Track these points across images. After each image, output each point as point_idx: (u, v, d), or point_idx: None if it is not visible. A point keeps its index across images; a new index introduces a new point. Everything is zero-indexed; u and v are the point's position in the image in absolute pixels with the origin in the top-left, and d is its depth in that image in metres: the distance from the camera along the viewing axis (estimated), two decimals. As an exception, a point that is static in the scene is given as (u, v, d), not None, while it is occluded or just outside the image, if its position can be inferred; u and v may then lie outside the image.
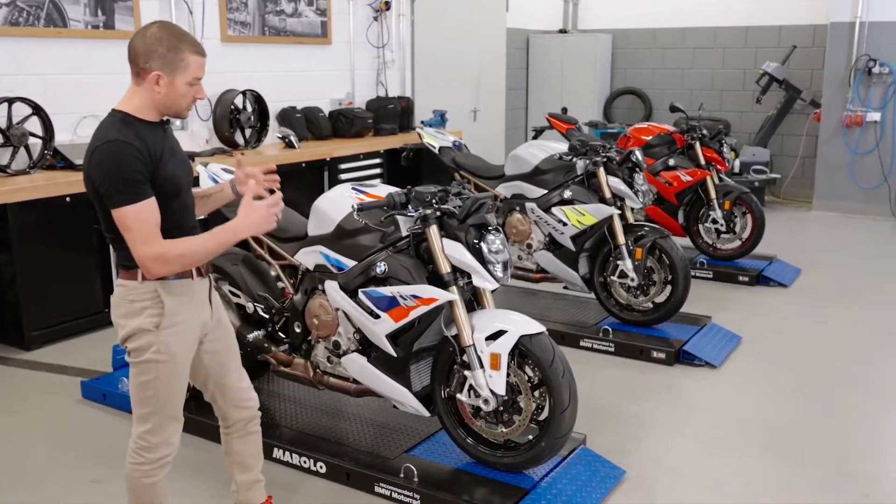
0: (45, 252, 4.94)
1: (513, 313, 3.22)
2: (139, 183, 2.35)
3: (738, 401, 4.19)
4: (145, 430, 2.55)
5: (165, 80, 2.41)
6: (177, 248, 2.39)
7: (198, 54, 2.46)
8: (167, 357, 2.48)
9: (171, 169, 2.48)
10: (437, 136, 5.77)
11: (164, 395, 2.52)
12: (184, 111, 2.52)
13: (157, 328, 2.46)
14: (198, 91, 2.50)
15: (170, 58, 2.40)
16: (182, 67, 2.42)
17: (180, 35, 2.45)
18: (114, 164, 2.32)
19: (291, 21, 7.30)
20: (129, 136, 2.36)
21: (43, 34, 5.42)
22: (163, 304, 2.46)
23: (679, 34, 10.34)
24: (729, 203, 6.45)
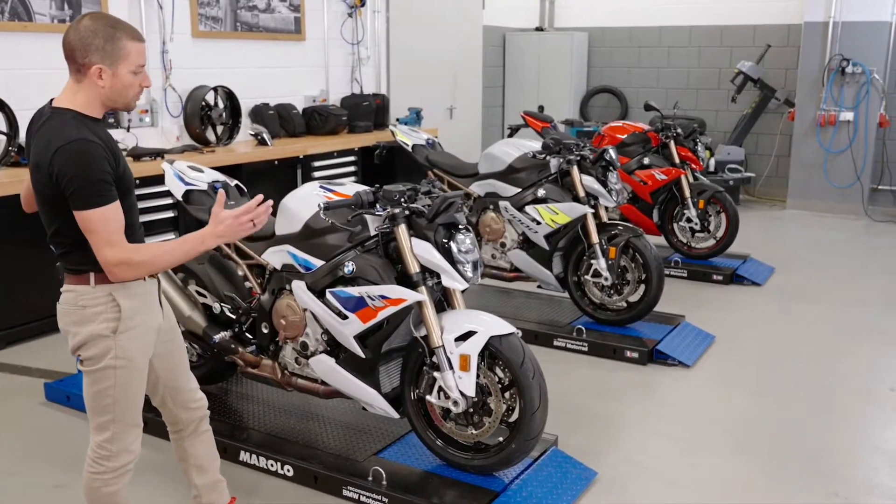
0: (9, 251, 4.83)
1: (483, 314, 3.18)
2: (107, 185, 2.28)
3: (712, 400, 4.17)
4: (104, 439, 2.47)
5: (108, 72, 2.32)
6: (142, 253, 2.33)
7: (136, 40, 2.36)
8: (125, 362, 2.40)
9: (125, 165, 2.41)
10: (410, 133, 5.71)
11: (123, 401, 2.45)
12: (131, 102, 2.44)
13: (115, 333, 2.38)
14: (143, 79, 2.40)
15: (108, 48, 2.31)
16: (123, 56, 2.32)
17: (115, 23, 2.35)
18: (83, 164, 2.24)
19: (264, 17, 7.22)
20: (90, 134, 2.28)
21: (7, 28, 5.30)
22: (119, 307, 2.38)
23: (655, 33, 10.35)
24: (703, 202, 6.45)
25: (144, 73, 2.41)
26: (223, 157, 6.18)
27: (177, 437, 2.78)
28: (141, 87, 2.41)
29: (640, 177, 6.41)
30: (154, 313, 2.52)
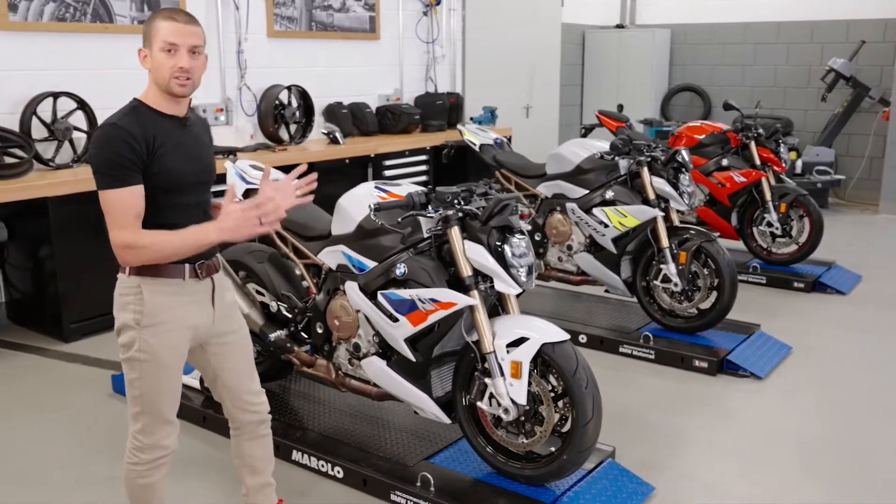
0: (85, 245, 4.97)
1: (537, 319, 3.09)
2: (125, 168, 2.29)
3: (783, 415, 3.97)
4: (137, 430, 2.51)
5: (148, 55, 2.37)
6: (146, 238, 2.31)
7: (169, 19, 2.34)
8: (149, 356, 2.42)
9: (172, 163, 2.39)
10: (478, 133, 5.65)
11: (149, 395, 2.46)
12: (171, 84, 2.36)
13: (138, 325, 2.40)
14: (178, 60, 2.34)
15: (146, 30, 2.37)
16: (154, 35, 2.35)
17: (161, 10, 2.39)
18: (104, 146, 2.30)
19: (339, 16, 7.26)
20: (128, 121, 2.33)
21: (89, 29, 5.47)
22: (143, 301, 2.39)
23: (740, 29, 9.99)
24: (785, 205, 6.17)
25: (180, 55, 2.34)
26: (294, 156, 6.24)
27: (235, 434, 2.79)
28: (178, 69, 2.35)
29: (717, 179, 6.19)
30: (192, 314, 2.49)
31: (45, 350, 4.85)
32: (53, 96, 5.16)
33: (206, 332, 2.55)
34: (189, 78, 2.37)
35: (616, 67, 10.65)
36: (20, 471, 3.47)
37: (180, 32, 2.34)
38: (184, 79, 2.36)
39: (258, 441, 2.80)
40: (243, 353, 2.70)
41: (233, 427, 2.78)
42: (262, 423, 2.78)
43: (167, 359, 2.45)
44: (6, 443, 3.71)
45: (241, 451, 2.80)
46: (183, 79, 2.36)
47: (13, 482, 3.37)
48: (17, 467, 3.49)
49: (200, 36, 2.40)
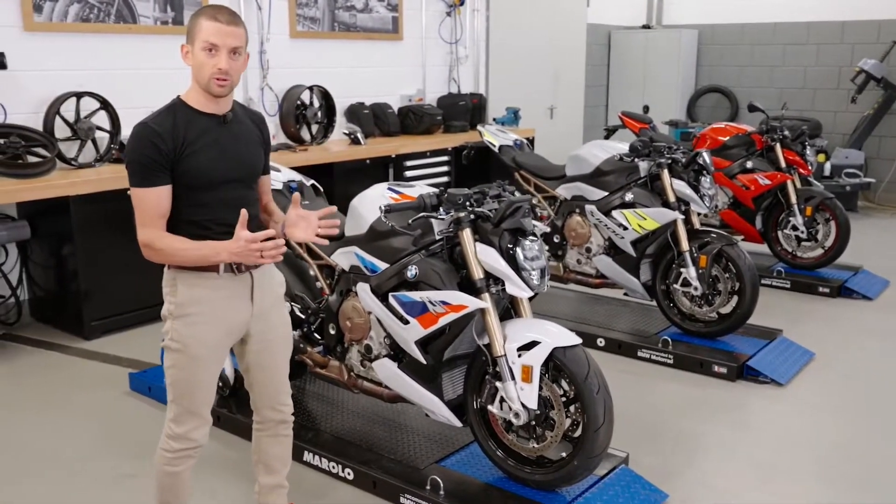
0: (106, 244, 5.02)
1: (549, 323, 3.06)
2: (150, 169, 2.36)
3: (803, 423, 3.90)
4: (170, 418, 2.58)
5: (190, 52, 2.42)
6: (162, 241, 2.39)
7: (212, 19, 2.37)
8: (180, 346, 2.48)
9: (201, 162, 2.41)
10: (497, 134, 5.62)
11: (180, 385, 2.53)
12: (210, 84, 2.39)
13: (172, 315, 2.49)
14: (217, 60, 2.37)
15: (189, 26, 2.42)
16: (196, 33, 2.38)
17: (205, 8, 2.43)
18: (133, 146, 2.39)
19: (362, 17, 7.27)
20: (162, 121, 2.39)
21: (112, 30, 5.52)
22: (177, 293, 2.47)
23: (769, 29, 9.85)
24: (811, 209, 6.06)
25: (220, 57, 2.37)
26: (315, 156, 6.25)
27: (257, 429, 2.83)
28: (218, 70, 2.37)
29: (742, 181, 6.10)
30: (227, 309, 2.52)
31: (66, 347, 4.90)
32: (77, 96, 5.22)
33: (245, 326, 2.59)
34: (227, 79, 2.40)
35: (642, 68, 10.55)
36: (36, 467, 3.50)
37: (221, 33, 2.37)
38: (223, 79, 2.39)
39: (278, 440, 2.84)
40: (281, 352, 2.75)
41: (256, 421, 2.83)
42: (284, 423, 2.83)
43: (196, 350, 2.49)
44: (23, 439, 3.75)
45: (260, 447, 2.85)
46: (222, 79, 2.39)
47: (29, 478, 3.41)
48: (32, 463, 3.53)
49: (242, 37, 2.43)
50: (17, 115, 5.07)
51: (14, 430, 3.85)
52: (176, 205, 2.43)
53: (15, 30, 5.05)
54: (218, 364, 2.59)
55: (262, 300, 2.60)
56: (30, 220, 5.09)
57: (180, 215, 2.43)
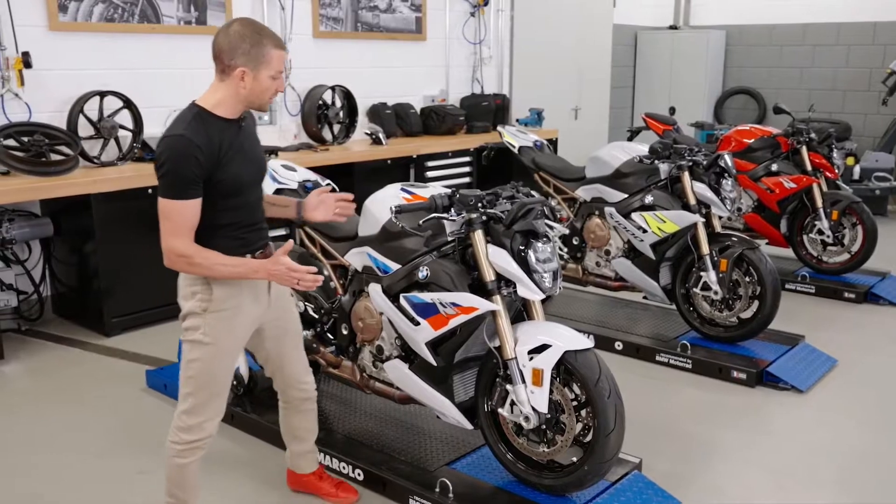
0: (127, 242, 5.07)
1: (560, 326, 3.03)
2: (190, 183, 2.43)
3: (822, 430, 3.83)
4: (183, 410, 2.67)
5: (250, 75, 2.49)
6: (203, 256, 2.48)
7: (279, 48, 2.54)
8: (212, 340, 2.60)
9: (234, 169, 2.53)
10: (517, 135, 5.58)
11: (203, 378, 2.63)
12: (266, 104, 2.61)
13: (205, 312, 2.58)
14: (279, 84, 2.58)
15: (253, 53, 2.48)
16: (265, 62, 2.50)
17: (261, 30, 2.53)
18: (172, 158, 2.42)
19: (385, 17, 7.28)
20: (196, 132, 2.44)
21: (136, 30, 5.58)
22: (211, 290, 2.57)
23: (798, 30, 9.72)
24: (837, 213, 5.96)
25: (281, 79, 2.59)
26: (336, 156, 6.27)
27: (283, 408, 3.06)
28: (276, 90, 2.58)
29: (766, 184, 6.01)
30: (252, 304, 2.67)
31: (86, 343, 4.95)
32: (100, 95, 5.27)
33: (263, 316, 2.75)
34: None
35: (669, 69, 10.46)
36: (54, 461, 3.54)
37: (283, 60, 2.59)
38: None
39: (304, 414, 3.07)
40: (295, 336, 2.96)
41: (282, 401, 3.05)
42: (308, 400, 3.05)
43: (227, 343, 2.64)
44: (43, 433, 3.80)
45: (288, 423, 3.09)
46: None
47: (46, 472, 3.44)
48: (50, 457, 3.57)
49: None
50: (41, 113, 5.13)
51: (34, 424, 3.90)
52: (207, 212, 2.50)
53: (40, 29, 5.12)
54: (235, 360, 2.75)
55: (276, 291, 2.78)
56: (53, 217, 5.16)
57: (214, 220, 2.53)
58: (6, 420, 3.94)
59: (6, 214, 4.98)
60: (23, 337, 5.07)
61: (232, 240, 2.60)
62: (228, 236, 2.59)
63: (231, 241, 2.60)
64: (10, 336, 5.01)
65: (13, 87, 5.01)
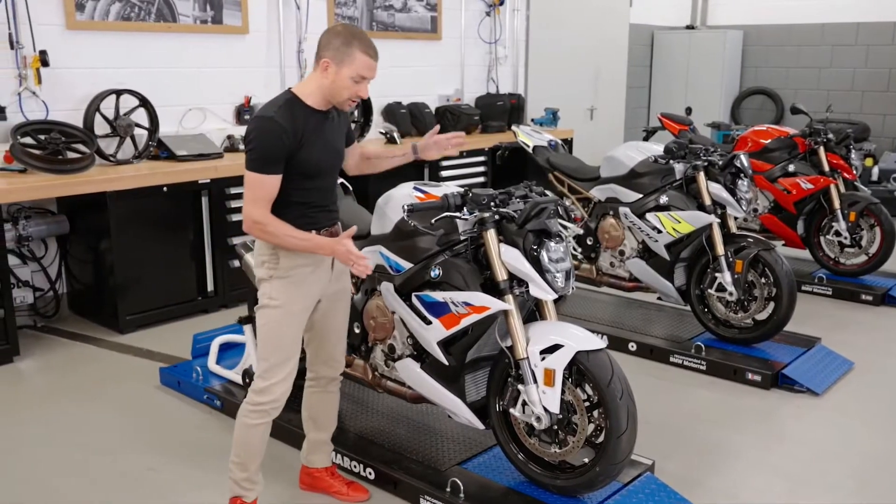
0: (143, 239, 5.10)
1: (573, 327, 3.01)
2: (272, 160, 2.64)
3: (838, 434, 3.79)
4: (258, 374, 2.85)
5: (333, 68, 2.66)
6: (274, 227, 2.67)
7: (367, 55, 2.67)
8: (278, 304, 2.78)
9: (313, 154, 2.71)
10: (532, 134, 5.57)
11: (272, 340, 2.80)
12: (344, 103, 2.74)
13: (271, 278, 2.79)
14: (361, 90, 2.71)
15: (342, 50, 2.65)
16: (349, 62, 2.65)
17: (357, 34, 2.69)
18: (259, 137, 2.63)
19: (400, 16, 7.28)
20: (283, 115, 2.64)
21: (152, 28, 5.60)
22: (278, 259, 2.77)
23: (817, 30, 9.64)
24: (855, 214, 5.91)
25: (364, 86, 2.71)
26: (350, 155, 6.25)
27: (309, 386, 3.14)
28: (356, 94, 2.72)
29: (783, 185, 5.97)
30: (315, 274, 2.83)
31: (101, 340, 4.98)
32: (116, 94, 5.30)
33: (324, 290, 2.91)
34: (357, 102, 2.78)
35: (685, 69, 10.40)
36: (66, 458, 3.56)
37: (372, 69, 2.71)
38: (354, 101, 2.74)
39: (327, 396, 3.16)
40: (345, 314, 3.10)
41: (309, 379, 3.14)
42: (334, 381, 3.15)
43: (292, 307, 2.80)
44: (56, 429, 3.82)
45: (310, 403, 3.16)
46: (354, 101, 2.74)
47: (59, 468, 3.46)
48: (64, 454, 3.59)
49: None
50: (58, 111, 5.17)
51: (48, 420, 3.92)
52: (285, 188, 2.70)
53: (57, 28, 5.15)
54: (302, 326, 2.88)
55: (339, 268, 2.95)
56: (69, 214, 5.20)
57: (289, 197, 2.71)
58: (21, 416, 3.96)
59: (23, 212, 5.01)
60: (38, 333, 5.10)
61: (302, 217, 2.77)
62: (300, 214, 2.76)
63: (301, 218, 2.76)
64: (26, 332, 5.04)
65: (31, 85, 5.04)
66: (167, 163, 5.40)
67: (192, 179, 5.24)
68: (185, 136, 5.70)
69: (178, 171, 5.21)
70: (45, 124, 5.03)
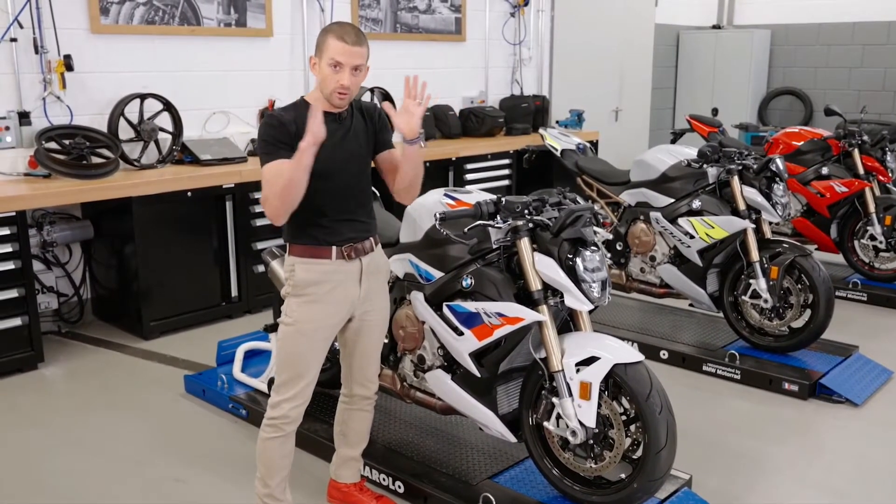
0: (167, 245, 5.06)
1: (609, 338, 2.92)
2: (272, 145, 2.61)
3: (880, 446, 3.67)
4: (273, 388, 2.83)
5: (316, 63, 2.66)
6: (264, 191, 2.60)
7: (339, 40, 2.59)
8: (292, 321, 2.74)
9: (321, 153, 2.56)
10: (560, 137, 5.47)
11: (285, 357, 2.77)
12: (332, 97, 2.64)
13: (288, 295, 2.77)
14: (341, 77, 2.60)
15: (319, 42, 2.65)
16: (324, 50, 2.61)
17: (336, 25, 2.65)
18: (263, 132, 2.66)
19: (424, 18, 7.21)
20: (285, 113, 2.66)
21: (176, 32, 5.56)
22: (295, 275, 2.74)
23: (847, 29, 9.46)
24: (891, 218, 5.76)
25: (343, 73, 2.59)
26: (375, 158, 6.19)
27: (343, 402, 3.07)
28: (339, 83, 2.60)
29: (816, 188, 5.84)
30: (341, 291, 2.76)
31: (125, 346, 4.95)
32: (141, 98, 5.27)
33: (353, 308, 2.83)
34: (347, 93, 2.63)
35: (712, 70, 10.26)
36: (90, 466, 3.51)
37: (346, 53, 2.59)
38: (343, 93, 2.63)
39: (361, 414, 3.07)
40: (378, 334, 2.98)
41: (344, 395, 3.07)
42: (368, 399, 3.06)
43: (305, 326, 2.74)
44: (80, 436, 3.78)
45: (344, 418, 3.08)
46: (342, 93, 2.63)
47: (83, 476, 3.42)
48: (87, 461, 3.55)
49: (364, 55, 2.64)
50: (82, 116, 5.14)
51: (73, 427, 3.88)
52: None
53: (82, 32, 5.13)
54: (323, 343, 2.80)
55: (369, 284, 2.84)
56: (93, 220, 5.17)
57: (304, 203, 2.62)
58: (46, 422, 3.93)
59: (47, 217, 4.99)
60: (63, 339, 5.08)
61: (322, 229, 2.72)
62: (319, 224, 2.71)
63: (322, 230, 2.72)
64: (51, 338, 5.02)
65: (55, 89, 5.02)
66: (191, 167, 5.36)
67: (216, 184, 5.20)
68: (209, 140, 5.66)
69: (202, 175, 5.16)
70: (69, 129, 5.00)
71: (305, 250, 2.74)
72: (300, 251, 2.75)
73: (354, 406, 3.05)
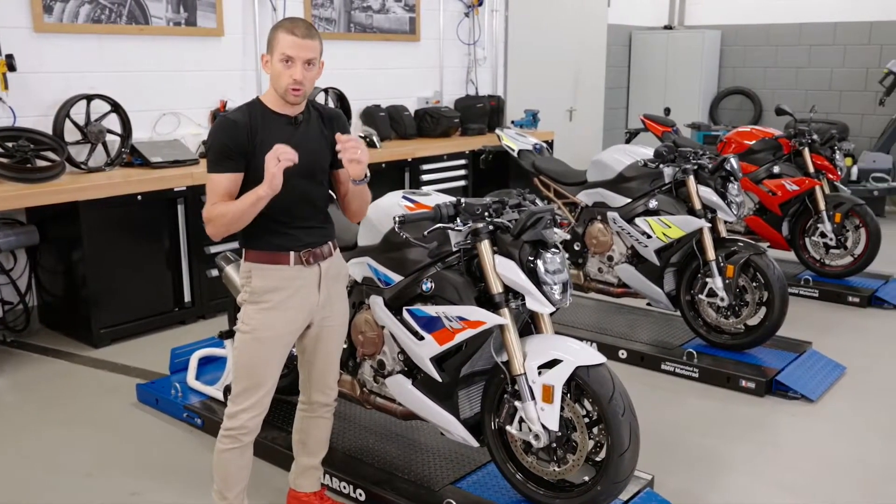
0: (116, 250, 4.92)
1: (571, 340, 2.90)
2: (223, 156, 2.54)
3: (836, 442, 3.72)
4: (230, 397, 2.75)
5: (268, 60, 2.60)
6: (212, 210, 2.53)
7: (289, 33, 2.53)
8: (250, 329, 2.67)
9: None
10: (516, 138, 5.46)
11: (241, 365, 2.70)
12: (286, 94, 2.57)
13: (245, 302, 2.71)
14: (293, 72, 2.53)
15: (269, 38, 2.60)
16: (274, 45, 2.56)
17: (286, 20, 2.59)
18: (212, 136, 2.58)
19: (378, 17, 7.14)
20: (239, 115, 2.59)
21: (124, 31, 5.42)
22: (251, 282, 2.68)
23: (795, 30, 9.65)
24: (840, 215, 5.87)
25: (295, 68, 2.53)
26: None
27: (302, 410, 3.00)
28: (291, 78, 2.53)
29: (768, 187, 5.92)
30: (297, 298, 2.69)
31: (74, 355, 4.80)
32: (87, 99, 5.12)
33: (311, 315, 2.76)
34: (301, 88, 2.57)
35: (663, 70, 10.37)
36: (41, 480, 3.39)
37: (297, 46, 2.53)
38: (297, 89, 2.56)
39: (320, 421, 3.00)
40: (337, 340, 2.92)
41: (302, 402, 2.99)
42: (327, 407, 2.99)
43: (263, 334, 2.67)
44: (29, 450, 3.65)
45: (302, 426, 3.01)
46: (296, 89, 2.56)
47: (34, 491, 3.29)
48: (38, 476, 3.42)
49: (316, 49, 2.58)
50: (26, 118, 4.98)
51: (21, 440, 3.75)
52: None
53: (24, 31, 4.96)
54: (282, 350, 2.73)
55: (328, 289, 2.77)
56: (38, 225, 5.00)
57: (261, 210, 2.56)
58: (-9, 438, 3.79)
59: (-10, 222, 4.82)
60: (8, 349, 4.91)
61: (279, 235, 2.65)
62: (276, 231, 2.65)
63: (279, 236, 2.65)
64: (-5, 348, 4.86)
65: (-3, 91, 4.86)
66: (141, 170, 5.23)
67: (167, 187, 5.07)
68: (159, 142, 5.53)
69: (152, 178, 5.04)
70: (12, 131, 4.84)
71: (262, 256, 2.66)
72: (256, 257, 2.67)
73: (314, 413, 2.97)
